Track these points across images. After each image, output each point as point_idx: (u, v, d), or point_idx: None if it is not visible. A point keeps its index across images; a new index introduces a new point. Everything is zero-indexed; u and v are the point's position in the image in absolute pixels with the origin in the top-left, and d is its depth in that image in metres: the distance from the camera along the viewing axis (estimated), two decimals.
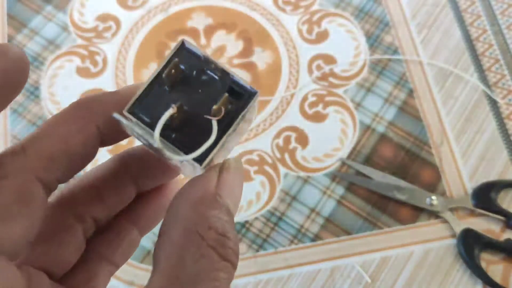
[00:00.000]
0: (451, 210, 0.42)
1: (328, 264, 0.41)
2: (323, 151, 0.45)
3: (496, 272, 0.40)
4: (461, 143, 0.45)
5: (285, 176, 0.44)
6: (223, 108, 0.17)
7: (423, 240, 0.41)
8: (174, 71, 0.18)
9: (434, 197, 0.42)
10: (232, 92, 0.18)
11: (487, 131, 0.45)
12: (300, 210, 0.42)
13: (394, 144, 0.45)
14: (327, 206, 0.43)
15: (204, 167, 0.17)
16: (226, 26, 0.50)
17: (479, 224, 0.42)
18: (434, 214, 0.42)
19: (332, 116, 0.46)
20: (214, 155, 0.17)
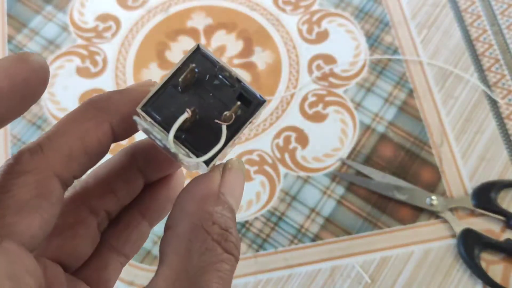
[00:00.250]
0: (451, 210, 0.42)
1: (328, 264, 0.41)
2: (323, 151, 0.45)
3: (496, 272, 0.40)
4: (461, 143, 0.45)
5: (285, 176, 0.44)
6: (234, 114, 0.18)
7: (423, 240, 0.41)
8: (189, 75, 0.19)
9: (434, 197, 0.42)
10: (242, 99, 0.19)
11: (487, 131, 0.45)
12: (300, 210, 0.42)
13: (394, 144, 0.45)
14: (327, 206, 0.43)
15: (210, 167, 0.19)
16: (226, 26, 0.50)
17: (479, 224, 0.42)
18: (434, 214, 0.42)
19: (332, 116, 0.46)
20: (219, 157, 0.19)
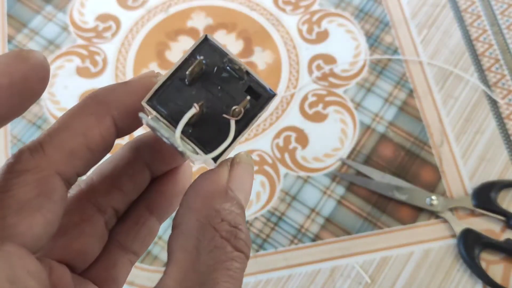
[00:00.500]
0: (451, 210, 0.42)
1: (328, 264, 0.41)
2: (323, 151, 0.45)
3: (496, 272, 0.40)
4: (461, 143, 0.45)
5: (285, 176, 0.44)
6: (243, 109, 0.18)
7: (423, 240, 0.41)
8: (197, 68, 0.18)
9: (434, 197, 0.42)
10: (251, 92, 0.18)
11: (487, 131, 0.45)
12: (300, 210, 0.42)
13: (394, 144, 0.45)
14: (327, 206, 0.43)
15: (217, 163, 0.18)
16: (226, 26, 0.50)
17: (479, 224, 0.42)
18: (434, 214, 0.42)
19: (332, 116, 0.46)
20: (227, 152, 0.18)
